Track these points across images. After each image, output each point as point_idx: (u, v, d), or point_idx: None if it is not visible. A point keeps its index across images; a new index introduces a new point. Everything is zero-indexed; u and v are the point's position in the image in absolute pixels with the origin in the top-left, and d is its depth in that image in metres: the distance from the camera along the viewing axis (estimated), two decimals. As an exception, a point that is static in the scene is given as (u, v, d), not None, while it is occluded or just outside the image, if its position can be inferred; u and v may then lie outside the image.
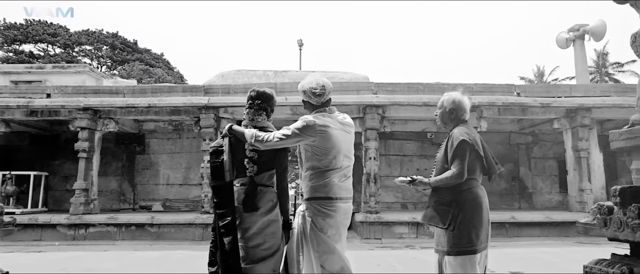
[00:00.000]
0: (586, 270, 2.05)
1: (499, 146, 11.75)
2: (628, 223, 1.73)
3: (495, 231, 9.13)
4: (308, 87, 2.60)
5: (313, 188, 2.50)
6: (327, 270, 2.47)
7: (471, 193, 2.62)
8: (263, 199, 2.41)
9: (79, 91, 9.65)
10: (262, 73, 11.61)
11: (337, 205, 2.51)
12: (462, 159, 2.57)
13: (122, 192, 11.58)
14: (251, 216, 2.37)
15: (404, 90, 9.52)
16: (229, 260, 2.26)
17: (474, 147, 2.61)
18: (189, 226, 8.93)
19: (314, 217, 2.49)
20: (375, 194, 9.05)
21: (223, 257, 2.29)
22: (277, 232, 2.43)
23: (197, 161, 10.96)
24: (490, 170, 2.76)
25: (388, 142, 11.59)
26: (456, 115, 2.81)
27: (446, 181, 2.60)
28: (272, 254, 2.38)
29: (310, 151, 2.55)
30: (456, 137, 2.64)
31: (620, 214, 1.78)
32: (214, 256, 2.41)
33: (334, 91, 10.00)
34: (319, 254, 2.46)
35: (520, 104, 9.44)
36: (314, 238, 2.47)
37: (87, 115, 9.27)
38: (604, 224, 1.93)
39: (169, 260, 6.44)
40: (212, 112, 9.30)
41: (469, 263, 2.56)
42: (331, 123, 2.55)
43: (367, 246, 8.09)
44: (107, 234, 8.89)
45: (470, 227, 2.57)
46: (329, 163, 2.49)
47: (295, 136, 2.47)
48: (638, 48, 2.14)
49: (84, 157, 9.24)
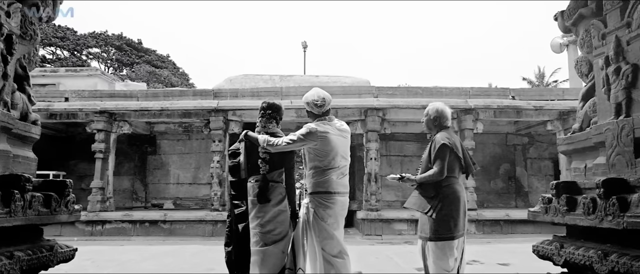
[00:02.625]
0: (534, 248, 2.51)
1: (496, 147, 12.18)
2: (560, 210, 2.18)
3: (490, 228, 9.59)
4: (311, 100, 3.08)
5: (315, 184, 2.98)
6: (327, 252, 2.94)
7: (450, 188, 3.09)
8: (274, 192, 2.89)
9: (95, 94, 10.19)
10: (268, 78, 12.11)
11: (335, 198, 2.99)
12: (443, 159, 3.04)
13: (135, 191, 12.11)
14: (264, 207, 2.85)
15: (404, 94, 9.98)
16: (240, 241, 2.75)
17: (453, 149, 3.08)
18: (200, 222, 9.43)
19: (316, 208, 2.97)
20: (376, 192, 9.50)
21: (237, 238, 2.77)
22: (286, 220, 2.91)
23: (206, 162, 11.45)
24: (467, 169, 3.23)
25: (389, 143, 12.04)
26: (439, 122, 3.28)
27: (429, 178, 3.07)
28: (282, 239, 2.86)
29: (312, 153, 3.03)
30: (438, 141, 3.11)
31: (555, 203, 2.24)
32: (229, 238, 2.89)
33: (337, 95, 10.43)
34: (320, 239, 2.94)
35: (515, 107, 9.86)
36: (316, 226, 2.95)
37: (103, 118, 9.79)
38: (545, 211, 2.39)
39: (182, 253, 6.95)
40: (221, 115, 9.79)
41: (448, 248, 3.04)
42: (330, 129, 3.02)
43: (368, 242, 8.55)
44: (123, 230, 9.41)
45: (449, 217, 3.04)
46: (329, 163, 2.97)
47: (300, 141, 2.95)
48: (580, 70, 2.58)
49: (100, 157, 9.76)
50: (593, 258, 1.95)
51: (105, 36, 35.09)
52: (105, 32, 35.43)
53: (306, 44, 22.46)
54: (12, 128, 2.17)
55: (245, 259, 2.70)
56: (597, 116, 2.38)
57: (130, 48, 35.69)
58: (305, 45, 22.38)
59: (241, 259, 2.72)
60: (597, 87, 2.38)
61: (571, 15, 2.58)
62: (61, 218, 2.31)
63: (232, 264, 2.81)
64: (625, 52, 2.19)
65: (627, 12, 2.15)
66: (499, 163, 12.24)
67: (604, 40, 2.34)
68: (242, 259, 2.72)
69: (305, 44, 22.41)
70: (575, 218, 2.12)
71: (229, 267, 2.87)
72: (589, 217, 1.99)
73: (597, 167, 2.30)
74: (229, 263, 2.84)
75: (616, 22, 2.24)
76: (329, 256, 2.96)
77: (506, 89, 10.24)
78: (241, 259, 2.72)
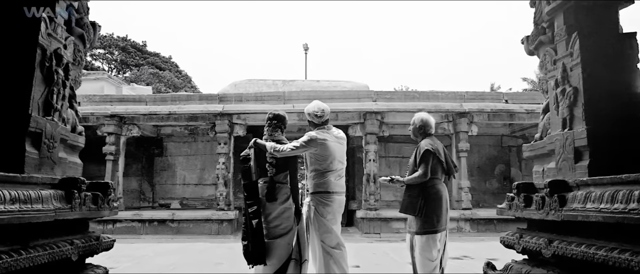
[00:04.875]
0: (500, 239, 2.96)
1: (491, 149, 12.61)
2: (519, 206, 2.62)
3: (485, 226, 10.03)
4: (312, 112, 3.54)
5: (315, 185, 3.44)
6: (326, 244, 3.39)
7: (433, 189, 3.54)
8: (280, 192, 3.34)
9: (106, 99, 10.67)
10: (271, 82, 12.58)
11: (333, 197, 3.44)
12: (426, 163, 3.49)
13: (142, 191, 12.58)
14: (272, 205, 3.29)
15: (401, 97, 10.44)
16: (256, 235, 3.20)
17: (435, 154, 3.53)
18: (206, 221, 9.90)
19: (316, 206, 3.42)
20: (375, 192, 9.95)
21: (252, 233, 3.23)
22: (291, 217, 3.36)
23: (211, 163, 11.91)
24: (449, 171, 3.68)
25: (388, 145, 12.48)
26: (424, 130, 3.73)
27: (414, 179, 3.52)
28: (287, 232, 3.31)
29: (313, 157, 3.48)
30: (422, 147, 3.56)
31: (516, 200, 2.68)
32: (245, 233, 3.34)
33: (338, 99, 10.89)
34: (320, 233, 3.39)
35: (508, 111, 10.29)
36: (316, 221, 3.40)
37: (114, 121, 10.26)
38: (509, 207, 2.83)
39: (191, 250, 7.41)
40: (227, 119, 10.25)
41: (432, 240, 3.48)
42: (329, 137, 3.48)
43: (366, 240, 9.01)
44: (132, 228, 9.88)
45: (433, 214, 3.48)
46: (327, 166, 3.43)
47: (302, 147, 3.40)
48: (541, 88, 3.02)
49: (111, 159, 10.24)
50: (541, 245, 2.40)
51: (111, 38, 35.60)
52: (111, 35, 35.95)
53: (307, 45, 22.82)
54: (67, 139, 2.62)
55: (260, 251, 3.16)
56: (551, 128, 2.83)
57: (134, 50, 36.16)
58: (307, 47, 22.75)
59: (257, 250, 3.18)
60: (551, 104, 2.83)
61: (533, 41, 3.02)
62: (104, 213, 2.77)
63: (249, 255, 3.26)
64: (569, 76, 2.63)
65: (570, 44, 2.59)
66: (494, 164, 12.66)
67: (554, 66, 2.78)
68: (257, 250, 3.19)
69: (306, 46, 22.79)
70: (530, 213, 2.56)
71: (246, 258, 3.33)
72: (539, 212, 2.43)
73: (549, 171, 2.75)
74: (246, 254, 3.29)
75: (563, 51, 2.68)
76: (328, 247, 3.41)
77: (500, 92, 10.71)
78: (257, 251, 3.18)
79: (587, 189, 2.16)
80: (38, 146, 2.22)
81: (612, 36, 2.51)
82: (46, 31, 2.26)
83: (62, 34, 2.44)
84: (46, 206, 2.03)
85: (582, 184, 2.23)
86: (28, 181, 2.05)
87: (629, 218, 1.75)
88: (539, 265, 2.56)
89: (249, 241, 3.22)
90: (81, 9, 2.73)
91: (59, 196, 2.20)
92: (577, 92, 2.54)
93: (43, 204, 2.00)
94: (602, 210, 1.92)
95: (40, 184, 2.14)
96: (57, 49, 2.37)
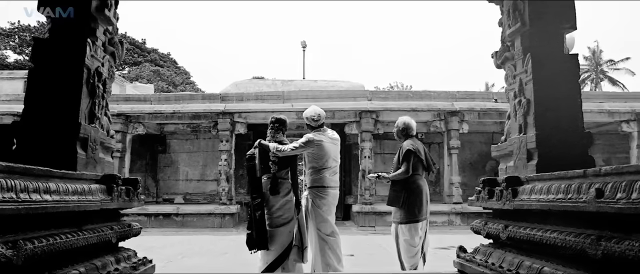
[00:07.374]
0: (471, 227, 3.49)
1: (482, 145, 13.12)
2: (484, 198, 3.14)
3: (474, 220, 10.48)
4: (309, 116, 4.05)
5: (313, 180, 3.95)
6: (322, 232, 3.92)
7: (415, 184, 4.06)
8: (282, 187, 3.85)
9: (112, 98, 11.12)
10: (271, 82, 13.08)
11: (328, 191, 3.96)
12: (408, 161, 4.01)
13: (146, 187, 13.08)
14: (275, 198, 3.81)
15: (395, 97, 10.95)
16: (259, 224, 3.71)
17: (416, 154, 4.05)
18: (209, 215, 10.43)
19: (313, 199, 3.94)
20: (370, 188, 10.48)
21: (255, 223, 3.74)
22: (292, 208, 3.87)
23: (213, 159, 12.42)
24: (429, 168, 4.21)
25: (383, 142, 12.99)
26: (406, 132, 4.25)
27: (398, 176, 4.04)
28: (288, 222, 3.82)
29: (310, 156, 4.00)
30: (404, 147, 4.08)
31: (483, 193, 3.20)
32: (250, 223, 3.85)
33: (334, 98, 11.41)
34: (317, 222, 3.92)
35: (497, 110, 10.82)
36: (313, 212, 3.92)
37: (121, 120, 10.75)
38: (477, 199, 3.35)
39: (196, 241, 7.93)
40: (228, 117, 10.75)
41: (414, 229, 4.02)
42: (324, 138, 3.99)
43: (362, 233, 9.53)
44: (139, 222, 10.35)
45: (414, 206, 4.01)
46: (323, 164, 3.94)
47: (301, 148, 3.91)
48: (508, 97, 3.53)
49: (118, 156, 10.73)
50: (499, 229, 2.92)
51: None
52: (111, 32, 36.13)
53: (305, 43, 23.19)
54: (104, 142, 3.12)
55: (263, 238, 3.67)
56: (511, 132, 3.34)
57: (133, 47, 36.44)
58: (305, 44, 23.12)
59: (260, 237, 3.69)
60: (511, 112, 3.36)
61: (500, 56, 3.53)
62: (134, 204, 3.28)
63: (252, 242, 3.76)
64: (524, 90, 3.15)
65: (525, 62, 3.11)
66: (485, 160, 13.17)
67: (514, 80, 3.30)
68: (260, 238, 3.70)
69: (304, 44, 23.15)
70: (492, 203, 3.08)
71: (249, 245, 3.83)
72: (498, 202, 2.94)
73: (510, 168, 3.26)
74: (250, 241, 3.80)
75: (520, 68, 3.20)
76: (324, 235, 3.93)
77: (490, 92, 11.24)
78: (260, 238, 3.69)
79: (533, 183, 2.67)
80: (85, 148, 2.72)
81: (559, 57, 3.02)
82: (90, 53, 2.76)
83: (100, 54, 2.93)
84: (95, 197, 2.53)
85: (531, 180, 2.74)
86: (80, 177, 2.55)
87: (555, 205, 2.25)
88: (499, 247, 3.08)
89: (253, 229, 3.73)
90: (112, 30, 3.22)
91: (102, 189, 2.70)
92: (529, 103, 3.06)
93: (92, 196, 2.50)
94: (540, 200, 2.43)
95: (88, 180, 2.64)
96: (98, 67, 2.87)
